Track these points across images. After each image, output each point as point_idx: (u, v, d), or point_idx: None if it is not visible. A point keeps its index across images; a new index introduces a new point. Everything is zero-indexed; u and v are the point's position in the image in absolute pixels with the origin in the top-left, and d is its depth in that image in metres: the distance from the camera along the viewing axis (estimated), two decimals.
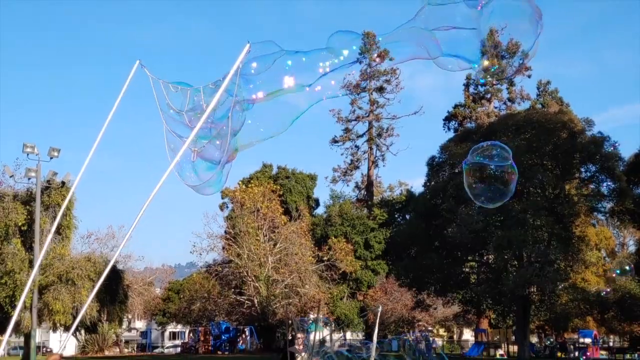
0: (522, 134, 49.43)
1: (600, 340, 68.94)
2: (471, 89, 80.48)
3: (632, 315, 58.65)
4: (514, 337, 59.40)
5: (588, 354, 56.91)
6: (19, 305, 14.84)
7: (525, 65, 75.20)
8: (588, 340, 61.76)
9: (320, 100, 8.32)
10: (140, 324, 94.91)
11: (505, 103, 79.63)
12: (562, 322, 62.78)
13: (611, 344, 76.40)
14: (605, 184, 51.64)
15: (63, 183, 56.49)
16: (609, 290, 41.27)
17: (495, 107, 79.35)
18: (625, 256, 71.89)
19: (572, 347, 63.92)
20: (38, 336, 47.39)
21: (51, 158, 52.83)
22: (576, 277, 55.73)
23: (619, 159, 51.51)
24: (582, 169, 51.81)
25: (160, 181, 6.57)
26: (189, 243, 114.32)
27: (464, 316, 68.17)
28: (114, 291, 57.78)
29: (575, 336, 68.04)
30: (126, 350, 73.22)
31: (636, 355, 59.75)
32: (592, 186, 52.29)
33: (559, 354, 60.39)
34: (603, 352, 62.88)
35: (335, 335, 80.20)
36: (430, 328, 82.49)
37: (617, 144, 51.04)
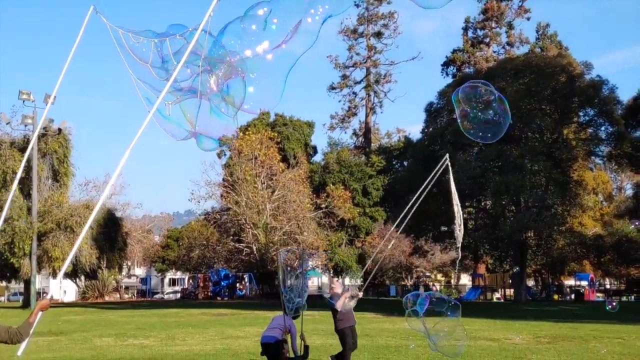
0: (520, 78, 48.99)
1: (597, 283, 69.63)
2: (470, 34, 79.52)
3: (628, 259, 59.21)
4: (510, 281, 59.95)
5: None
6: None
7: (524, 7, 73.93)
8: (585, 283, 62.40)
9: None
10: (139, 271, 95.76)
11: (504, 47, 78.77)
12: (559, 266, 63.41)
13: (607, 286, 77.25)
14: (603, 128, 51.49)
15: (59, 130, 56.25)
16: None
17: (494, 52, 78.52)
18: (623, 200, 72.10)
19: (568, 289, 64.64)
20: (38, 282, 47.78)
21: (47, 104, 52.54)
22: (573, 222, 56.02)
23: (617, 102, 51.20)
24: (581, 113, 51.55)
25: (137, 133, 6.32)
26: (187, 191, 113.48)
27: (462, 261, 68.73)
28: (113, 238, 58.10)
29: (572, 280, 68.78)
30: (126, 296, 73.98)
31: (632, 297, 60.43)
32: (590, 130, 52.11)
33: (555, 297, 61.06)
34: (599, 295, 63.60)
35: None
36: (428, 274, 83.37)
37: (615, 88, 50.71)
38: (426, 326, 10.36)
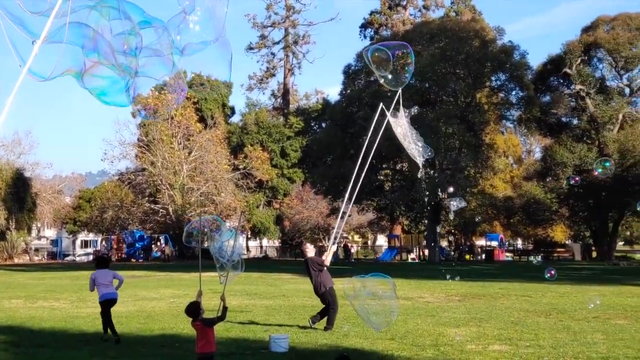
0: (436, 42, 49.67)
1: (507, 244, 72.16)
2: None
3: (535, 220, 61.51)
4: (425, 242, 61.35)
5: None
6: None
7: None
8: (495, 244, 64.51)
9: None
10: (50, 233, 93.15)
11: (420, 10, 79.46)
12: (471, 227, 65.34)
13: (519, 246, 79.99)
14: (514, 93, 53.02)
15: None
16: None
17: (411, 15, 79.12)
18: (532, 163, 74.58)
19: (479, 249, 66.68)
20: None
21: None
22: (485, 184, 57.68)
23: (527, 68, 52.77)
24: (493, 78, 52.83)
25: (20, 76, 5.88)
26: (100, 151, 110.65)
27: (378, 223, 69.86)
28: (22, 199, 56.25)
29: (483, 240, 70.94)
30: (36, 258, 71.88)
31: (539, 257, 62.90)
32: (501, 95, 53.50)
33: (467, 257, 62.95)
34: (509, 255, 65.92)
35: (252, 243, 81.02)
36: (345, 235, 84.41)
37: (526, 54, 52.17)
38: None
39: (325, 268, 14.05)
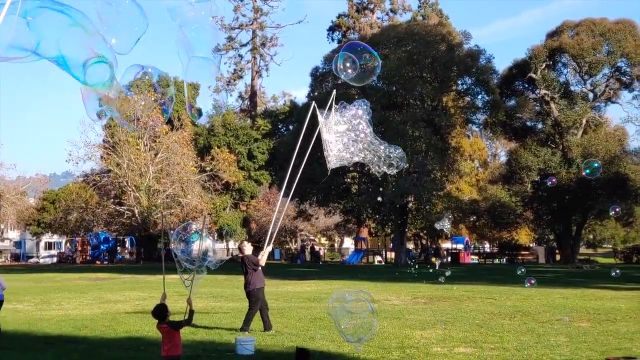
0: (403, 46, 49.96)
1: (472, 246, 72.77)
2: None
3: (500, 223, 62.10)
4: (392, 245, 61.59)
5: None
6: None
7: None
8: (460, 247, 65.02)
9: None
10: (13, 234, 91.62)
11: (387, 14, 79.85)
12: (437, 230, 65.71)
13: (487, 250, 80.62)
14: (480, 97, 53.57)
15: None
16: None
17: (378, 18, 79.48)
18: (497, 166, 75.36)
19: (445, 252, 67.16)
20: None
21: None
22: (451, 187, 58.14)
23: (493, 72, 53.39)
24: (459, 82, 53.30)
25: None
26: (65, 152, 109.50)
27: (345, 225, 69.97)
28: None
29: (449, 243, 71.42)
30: None
31: (504, 259, 63.54)
32: (467, 98, 54.00)
33: (432, 259, 63.35)
34: (474, 257, 66.42)
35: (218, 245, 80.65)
36: (312, 237, 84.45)
37: (492, 58, 52.78)
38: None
39: (259, 268, 14.17)
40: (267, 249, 14.13)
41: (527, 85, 58.35)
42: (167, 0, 7.51)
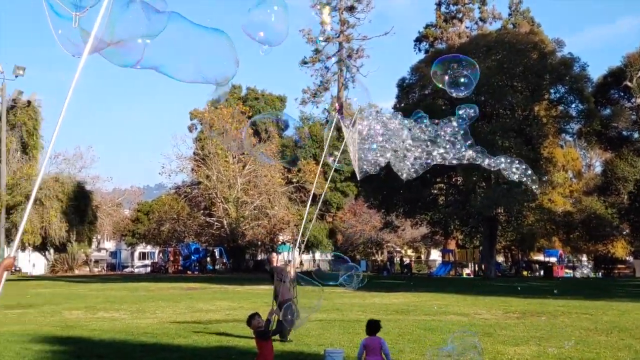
0: (493, 55, 49.03)
1: (565, 259, 70.60)
2: (443, 9, 79.35)
3: (596, 235, 60.01)
4: (480, 257, 60.50)
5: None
6: None
7: None
8: (554, 260, 63.18)
9: None
10: (109, 245, 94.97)
11: (476, 23, 78.75)
12: (529, 242, 64.07)
13: (585, 263, 78.06)
14: (573, 106, 51.88)
15: (29, 102, 55.34)
16: None
17: (467, 27, 78.48)
18: (592, 177, 72.93)
19: (537, 266, 65.38)
20: (5, 254, 47.12)
21: (16, 76, 51.63)
22: (543, 198, 56.57)
23: (587, 80, 51.65)
24: (552, 91, 51.83)
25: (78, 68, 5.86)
26: (158, 164, 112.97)
27: (432, 237, 69.12)
28: (83, 212, 57.49)
29: (542, 256, 69.52)
30: (96, 269, 73.36)
31: (600, 273, 61.38)
32: (560, 108, 52.46)
33: (524, 273, 61.83)
34: (568, 271, 64.46)
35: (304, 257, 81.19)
36: (398, 249, 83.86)
37: (586, 66, 51.11)
38: None
39: (288, 280, 14.13)
40: (295, 260, 14.21)
41: (622, 94, 56.35)
42: None
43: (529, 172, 11.71)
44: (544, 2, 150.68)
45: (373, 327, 8.46)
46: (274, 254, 15.21)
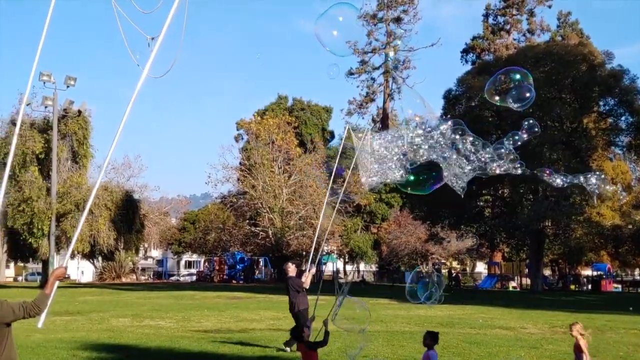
0: (541, 66, 48.49)
1: (614, 274, 69.19)
2: (490, 20, 78.82)
3: None
4: (527, 270, 59.70)
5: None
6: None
7: None
8: (602, 274, 62.05)
9: None
10: (156, 253, 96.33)
11: (524, 35, 78.01)
12: (576, 256, 62.98)
13: (637, 277, 76.47)
14: (623, 118, 50.97)
15: (79, 112, 56.60)
16: None
17: (514, 39, 77.80)
18: None
19: (585, 280, 64.27)
20: (56, 263, 48.15)
21: (67, 87, 52.91)
22: (591, 212, 55.56)
23: (637, 92, 50.66)
24: (601, 103, 51.04)
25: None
26: (204, 174, 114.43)
27: (478, 249, 68.50)
28: (131, 220, 58.38)
29: (590, 270, 68.31)
30: (142, 277, 74.48)
31: None
32: (610, 120, 51.60)
33: (572, 287, 60.81)
34: (617, 285, 63.19)
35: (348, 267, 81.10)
36: (443, 261, 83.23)
37: (636, 78, 50.16)
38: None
39: (303, 290, 14.35)
40: (311, 272, 14.39)
41: None
42: None
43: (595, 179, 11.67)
44: (593, 14, 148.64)
45: (436, 338, 8.57)
46: (290, 264, 15.37)
